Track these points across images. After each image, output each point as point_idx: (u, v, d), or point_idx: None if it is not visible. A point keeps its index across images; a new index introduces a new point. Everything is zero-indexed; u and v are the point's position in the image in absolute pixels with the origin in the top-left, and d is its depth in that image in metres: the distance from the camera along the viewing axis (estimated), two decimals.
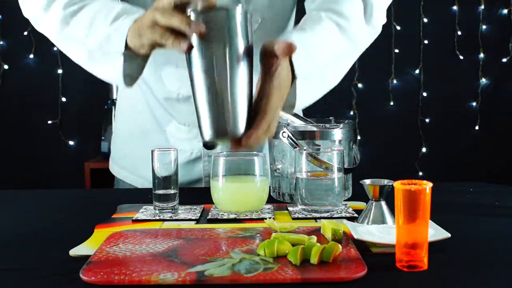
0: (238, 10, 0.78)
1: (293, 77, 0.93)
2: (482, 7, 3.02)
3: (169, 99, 1.21)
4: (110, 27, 0.95)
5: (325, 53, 1.01)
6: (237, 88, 0.79)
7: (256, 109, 0.83)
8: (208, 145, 0.91)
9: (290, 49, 0.82)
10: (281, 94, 0.86)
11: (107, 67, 0.98)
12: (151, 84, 1.23)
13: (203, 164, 1.24)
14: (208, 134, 0.79)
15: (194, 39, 0.77)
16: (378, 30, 1.11)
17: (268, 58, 0.84)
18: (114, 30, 0.94)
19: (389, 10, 1.12)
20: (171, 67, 1.18)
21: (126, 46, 0.92)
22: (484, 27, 3.03)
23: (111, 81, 1.05)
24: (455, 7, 3.02)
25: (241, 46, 0.78)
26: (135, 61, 0.94)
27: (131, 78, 0.98)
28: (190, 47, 0.78)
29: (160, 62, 1.19)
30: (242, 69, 0.79)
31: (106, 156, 2.59)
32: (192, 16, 0.78)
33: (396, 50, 3.01)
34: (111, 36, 0.94)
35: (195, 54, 0.78)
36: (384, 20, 1.12)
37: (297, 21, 1.24)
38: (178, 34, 0.79)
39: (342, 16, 1.04)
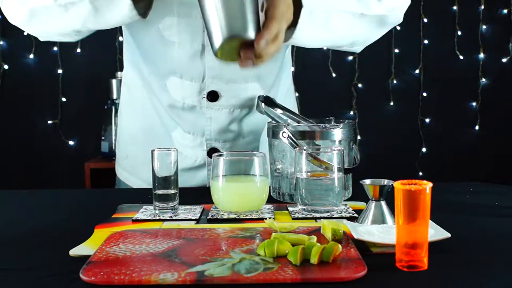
0: None
1: (296, 11, 0.95)
2: (482, 7, 3.02)
3: (174, 107, 1.21)
4: None
5: None
6: None
7: (264, 18, 0.86)
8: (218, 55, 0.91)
9: None
10: (286, 6, 0.90)
11: (116, 9, 0.98)
12: (156, 91, 1.23)
13: (208, 173, 1.24)
14: (219, 40, 0.81)
15: None
16: (386, 6, 1.12)
17: None
18: None
19: None
20: (175, 77, 1.18)
21: None
22: (484, 27, 3.03)
23: (125, 21, 1.03)
24: (455, 7, 3.02)
25: None
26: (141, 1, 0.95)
27: (143, 13, 0.98)
28: None
29: (165, 72, 1.19)
30: None
31: (106, 156, 2.60)
32: None
33: (396, 50, 3.01)
34: None
35: None
36: (398, 17, 1.13)
37: None
38: None
39: None
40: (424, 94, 3.04)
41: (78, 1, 1.00)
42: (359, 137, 2.98)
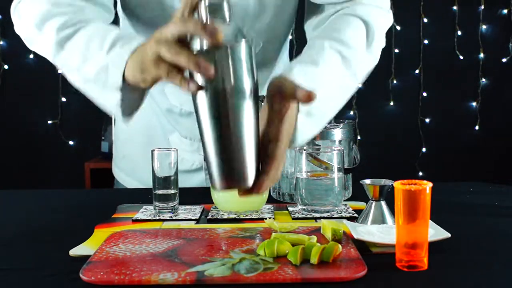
0: (243, 46, 0.72)
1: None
2: (482, 7, 3.02)
3: (172, 111, 1.21)
4: (107, 56, 0.89)
5: (329, 87, 0.94)
6: (247, 136, 0.73)
7: (264, 153, 0.77)
8: None
9: (311, 97, 0.76)
10: (289, 137, 0.82)
11: (104, 97, 0.93)
12: (154, 95, 1.23)
13: (206, 177, 1.24)
14: (218, 185, 0.74)
15: (200, 79, 0.72)
16: (377, 56, 1.05)
17: (281, 100, 0.78)
18: (111, 62, 0.88)
19: None
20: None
21: (124, 77, 0.86)
22: (484, 27, 3.03)
23: (109, 112, 0.96)
24: (455, 7, 3.02)
25: (248, 85, 0.73)
26: (134, 93, 0.90)
27: (130, 109, 0.93)
28: (199, 88, 0.72)
29: None
30: (250, 112, 0.73)
31: (106, 156, 2.60)
32: (198, 54, 0.72)
33: (396, 50, 3.01)
34: (108, 67, 0.88)
35: (202, 97, 0.73)
36: (383, 44, 1.07)
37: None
38: (183, 71, 0.74)
39: (346, 45, 0.98)
40: (424, 94, 3.04)
41: (72, 70, 0.96)
42: (359, 137, 2.98)
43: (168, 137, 1.25)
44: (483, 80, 3.04)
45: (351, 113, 3.01)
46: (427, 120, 3.05)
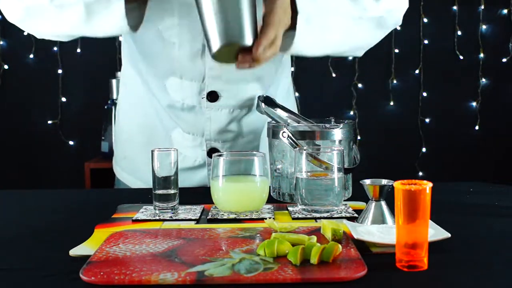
0: None
1: (294, 17, 0.95)
2: (482, 7, 3.02)
3: (173, 107, 1.21)
4: None
5: (329, 2, 1.02)
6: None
7: (262, 24, 0.87)
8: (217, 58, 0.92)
9: None
10: (283, 11, 0.91)
11: (108, 17, 0.96)
12: (155, 91, 1.23)
13: (208, 173, 1.24)
14: (217, 44, 0.81)
15: None
16: (389, 5, 1.12)
17: None
18: None
19: None
20: (175, 78, 1.18)
21: None
22: (484, 27, 3.03)
23: (115, 32, 1.02)
24: (455, 7, 3.02)
25: None
26: (135, 10, 0.94)
27: (134, 26, 0.97)
28: None
29: (165, 73, 1.18)
30: None
31: (106, 156, 2.60)
32: None
33: (396, 50, 3.01)
34: None
35: None
36: (397, 19, 1.12)
37: None
38: None
39: None
40: (424, 94, 3.04)
41: (73, 3, 0.99)
42: (359, 137, 2.98)
43: (170, 134, 1.25)
44: (483, 80, 3.04)
45: (351, 113, 3.01)
46: (427, 120, 3.05)
